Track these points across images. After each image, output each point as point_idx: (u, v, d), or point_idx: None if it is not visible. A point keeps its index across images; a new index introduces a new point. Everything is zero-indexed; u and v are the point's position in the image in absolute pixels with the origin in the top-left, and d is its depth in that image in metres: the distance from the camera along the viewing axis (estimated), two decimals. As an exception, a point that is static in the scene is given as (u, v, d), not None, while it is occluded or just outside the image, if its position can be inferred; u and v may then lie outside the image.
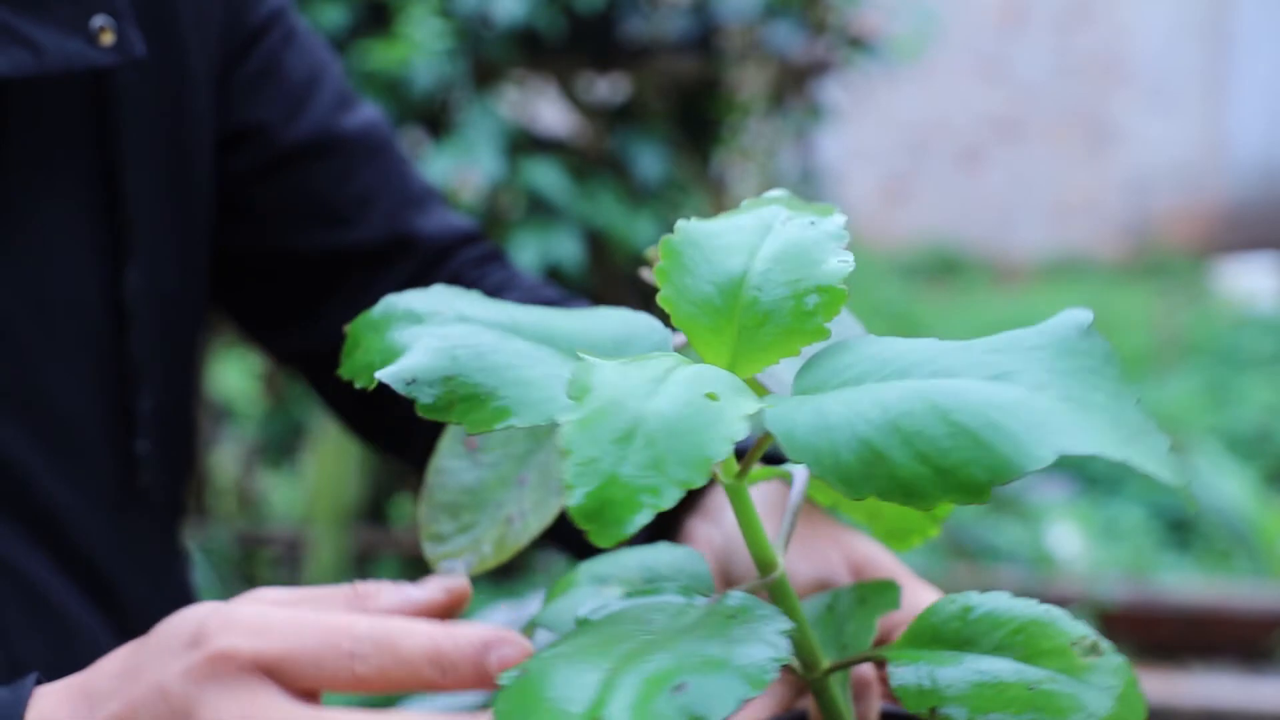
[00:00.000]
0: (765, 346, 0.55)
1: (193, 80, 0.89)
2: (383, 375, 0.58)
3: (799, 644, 0.59)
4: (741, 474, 0.56)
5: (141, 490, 0.87)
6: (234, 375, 3.68)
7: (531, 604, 1.03)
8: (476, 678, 0.57)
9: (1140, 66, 8.11)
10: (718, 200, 2.98)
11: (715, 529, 0.76)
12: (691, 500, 0.79)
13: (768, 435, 0.53)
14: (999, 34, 8.20)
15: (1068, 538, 3.56)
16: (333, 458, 3.02)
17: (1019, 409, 0.47)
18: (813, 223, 0.58)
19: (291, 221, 0.96)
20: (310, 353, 0.99)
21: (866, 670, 0.68)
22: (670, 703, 0.48)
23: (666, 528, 0.81)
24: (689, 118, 3.01)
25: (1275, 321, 5.82)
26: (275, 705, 0.56)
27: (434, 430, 0.89)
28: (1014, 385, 0.48)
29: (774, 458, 0.73)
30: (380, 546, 3.23)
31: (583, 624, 0.55)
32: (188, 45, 0.88)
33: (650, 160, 2.79)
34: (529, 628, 0.67)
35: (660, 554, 0.66)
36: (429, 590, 0.62)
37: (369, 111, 0.99)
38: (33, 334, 0.82)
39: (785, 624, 0.52)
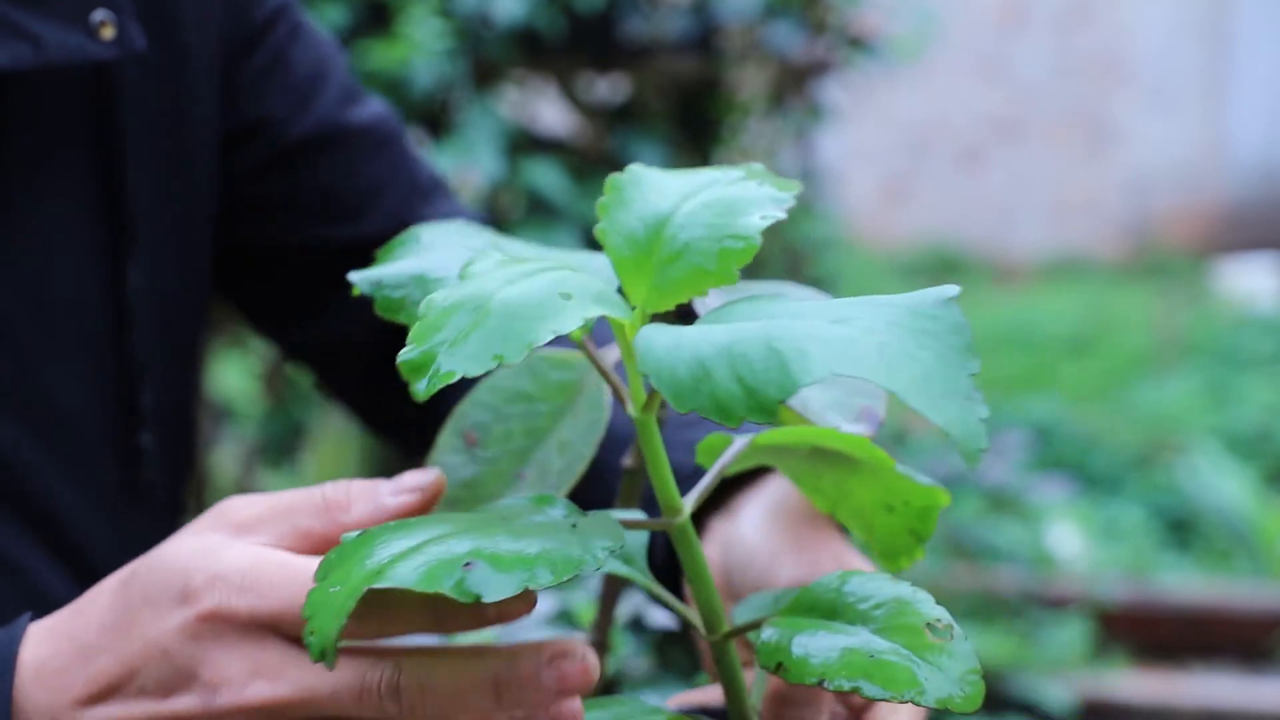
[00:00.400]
0: (676, 283, 0.57)
1: (194, 77, 0.89)
2: (354, 276, 0.63)
3: (701, 603, 0.61)
4: (648, 408, 0.58)
5: (142, 488, 0.87)
6: (234, 375, 3.68)
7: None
8: (476, 624, 0.56)
9: (1140, 66, 8.11)
10: (718, 200, 2.98)
11: (731, 525, 0.76)
12: (717, 502, 0.80)
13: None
14: (999, 34, 8.19)
15: (1068, 538, 3.56)
16: (332, 457, 3.01)
17: (830, 340, 0.50)
18: (759, 184, 0.60)
19: (300, 215, 0.96)
20: (319, 345, 1.00)
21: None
22: (451, 576, 0.51)
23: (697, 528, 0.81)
24: (689, 118, 3.01)
25: (1275, 321, 5.82)
26: (283, 654, 0.56)
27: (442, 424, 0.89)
28: (846, 327, 0.51)
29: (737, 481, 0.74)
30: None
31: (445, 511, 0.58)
32: (189, 42, 0.88)
33: (650, 160, 2.79)
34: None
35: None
36: (401, 498, 0.62)
37: (376, 105, 0.99)
38: (33, 333, 0.82)
39: (612, 542, 0.54)
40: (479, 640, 0.79)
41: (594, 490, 0.76)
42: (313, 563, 0.56)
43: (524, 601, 0.55)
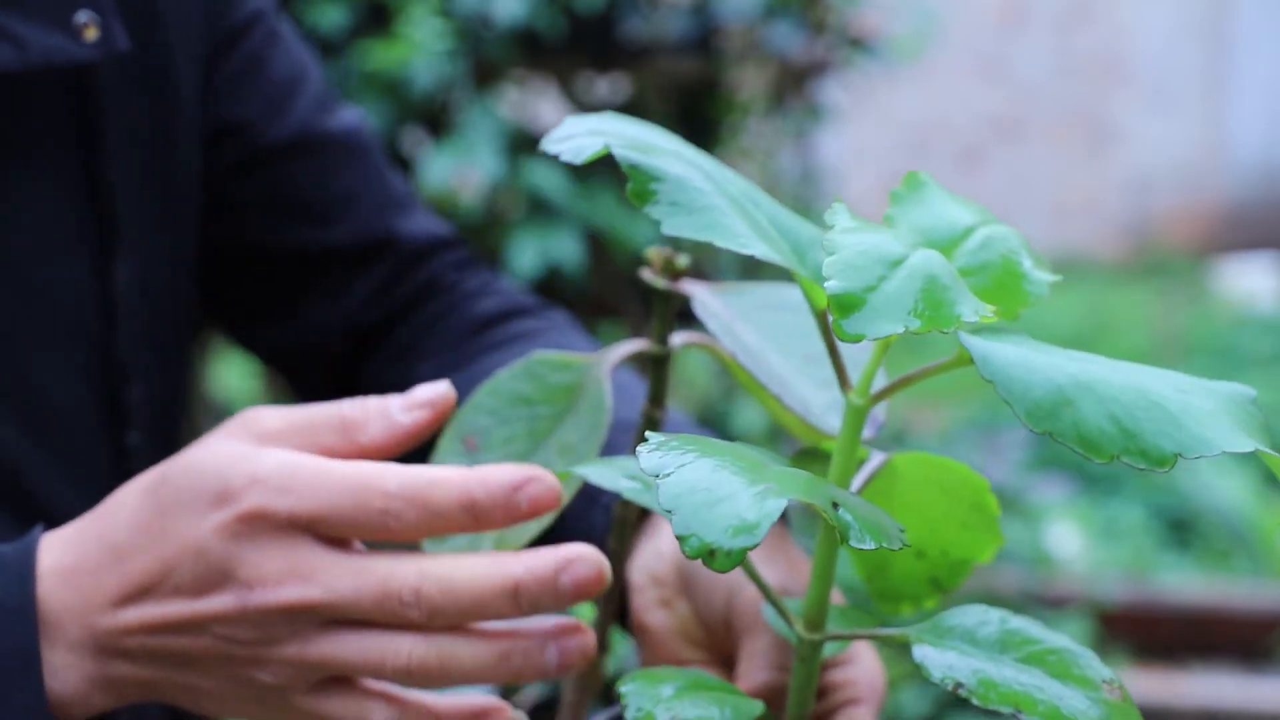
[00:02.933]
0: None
1: (176, 76, 0.89)
2: (619, 152, 0.61)
3: (814, 602, 0.60)
4: (878, 398, 0.59)
5: None
6: (234, 375, 3.68)
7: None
8: (508, 519, 0.57)
9: (1140, 66, 8.11)
10: (718, 200, 2.98)
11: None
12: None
13: (932, 367, 0.58)
14: (999, 34, 8.19)
15: (1067, 537, 3.56)
16: (333, 457, 3.01)
17: (1208, 411, 0.52)
18: (1015, 235, 0.62)
19: (272, 219, 0.96)
20: (289, 350, 1.00)
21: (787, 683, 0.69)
22: (828, 509, 0.50)
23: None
24: (689, 118, 3.00)
25: (1275, 321, 5.82)
26: (317, 556, 0.57)
27: None
28: (1198, 399, 0.53)
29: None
30: (379, 545, 3.23)
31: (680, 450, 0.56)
32: (170, 41, 0.89)
33: (650, 160, 2.79)
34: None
35: None
36: (413, 414, 0.63)
37: (351, 114, 1.00)
38: (23, 330, 0.82)
39: (898, 525, 0.55)
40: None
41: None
42: (348, 467, 0.58)
43: (554, 498, 0.57)
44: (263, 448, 0.60)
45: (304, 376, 1.01)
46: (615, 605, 0.72)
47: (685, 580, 0.74)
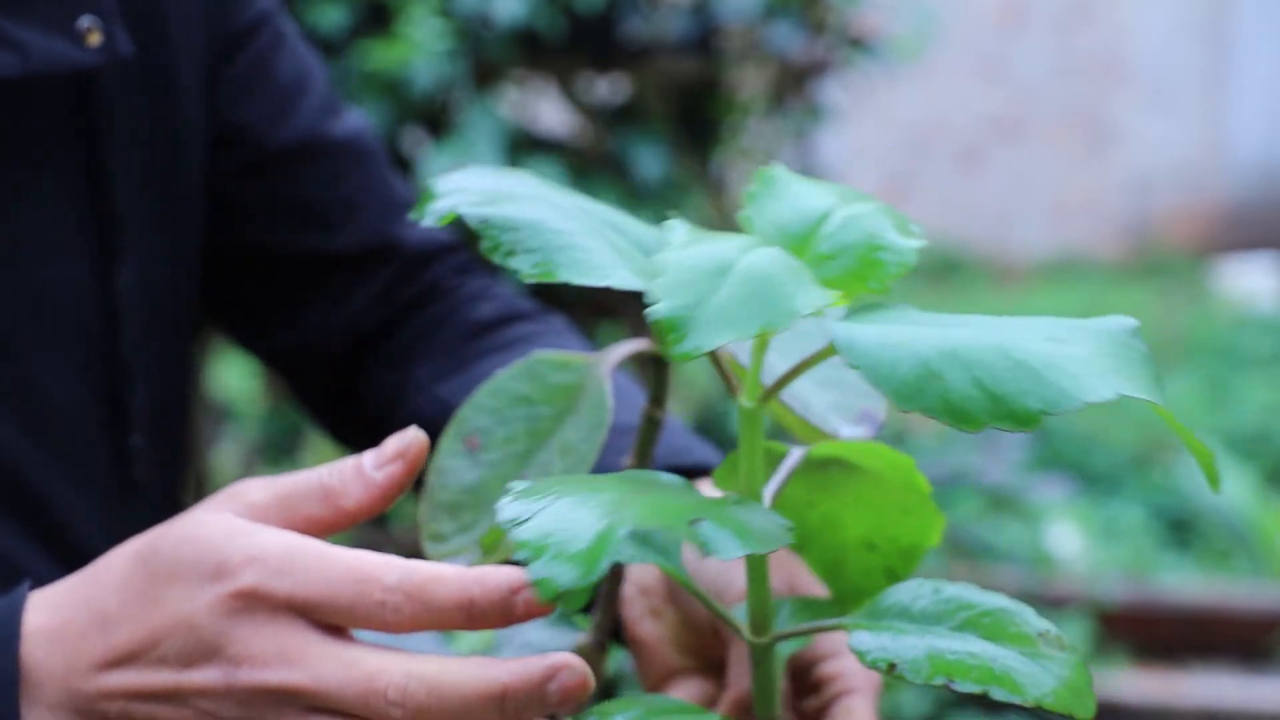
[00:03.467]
0: (830, 281, 0.58)
1: (180, 79, 0.89)
2: (464, 210, 0.60)
3: (755, 603, 0.61)
4: (766, 398, 0.58)
5: (137, 486, 0.88)
6: (234, 375, 3.68)
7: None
8: (504, 622, 0.57)
9: (1140, 66, 8.11)
10: (718, 200, 2.98)
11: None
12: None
13: (801, 363, 0.58)
14: (999, 34, 8.19)
15: (1067, 537, 3.56)
16: (332, 457, 3.01)
17: (1079, 360, 0.51)
18: (882, 208, 0.62)
19: (276, 223, 0.96)
20: (290, 353, 1.00)
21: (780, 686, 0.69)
22: (687, 529, 0.52)
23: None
24: (689, 118, 3.00)
25: (1275, 321, 5.82)
26: (308, 641, 0.57)
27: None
28: (1068, 347, 0.52)
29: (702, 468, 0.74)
30: (380, 546, 3.22)
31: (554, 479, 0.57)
32: (174, 44, 0.89)
33: (650, 160, 2.79)
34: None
35: None
36: (388, 470, 0.63)
37: (356, 118, 1.00)
38: (23, 329, 0.82)
39: (788, 523, 0.55)
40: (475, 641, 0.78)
41: None
42: (349, 555, 0.58)
43: (550, 603, 0.56)
44: (254, 524, 0.60)
45: (304, 378, 1.01)
46: (614, 609, 0.72)
47: (672, 588, 0.74)
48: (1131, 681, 3.09)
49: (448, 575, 0.57)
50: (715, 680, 0.73)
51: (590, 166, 2.83)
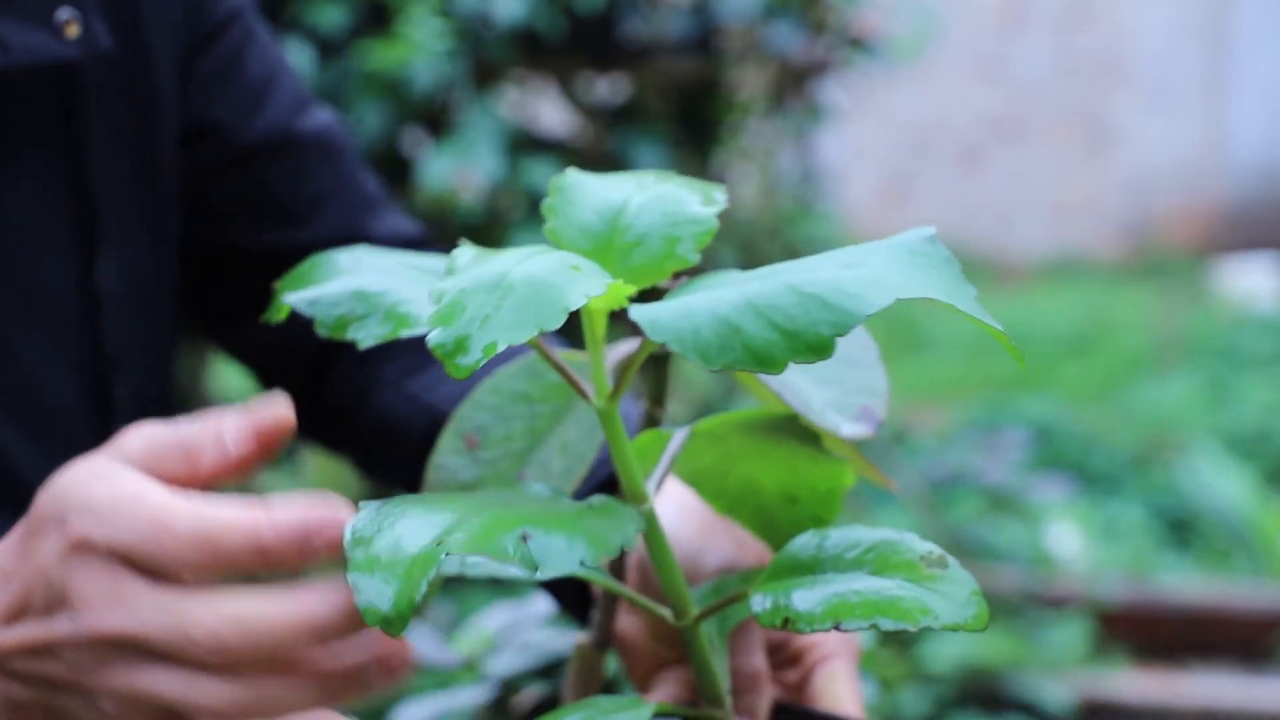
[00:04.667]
0: (638, 269, 0.59)
1: (157, 72, 0.90)
2: (292, 298, 0.63)
3: (670, 590, 0.63)
4: (613, 397, 0.60)
5: None
6: (234, 374, 3.68)
7: (535, 603, 1.03)
8: (302, 561, 0.57)
9: (1140, 66, 8.11)
10: (718, 200, 2.98)
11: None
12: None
13: (635, 356, 0.60)
14: (999, 34, 8.19)
15: (1067, 537, 3.56)
16: (331, 459, 3.01)
17: (862, 278, 0.53)
18: (685, 184, 0.63)
19: (246, 218, 0.96)
20: (261, 352, 1.00)
21: (758, 664, 0.71)
22: (514, 545, 0.52)
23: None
24: (689, 118, 3.00)
25: (1275, 321, 5.82)
26: (135, 588, 0.57)
27: (370, 428, 0.91)
28: (862, 270, 0.53)
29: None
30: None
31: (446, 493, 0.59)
32: (151, 38, 0.89)
33: (650, 160, 2.79)
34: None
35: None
36: (242, 450, 0.63)
37: (325, 115, 1.00)
38: (13, 326, 0.83)
39: (638, 521, 0.57)
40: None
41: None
42: (159, 503, 0.58)
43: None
44: (119, 469, 0.61)
45: (275, 377, 1.01)
46: (614, 608, 0.72)
47: (645, 581, 0.74)
48: (1131, 681, 3.09)
49: (240, 522, 0.58)
50: None
51: (590, 166, 2.82)
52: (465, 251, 0.58)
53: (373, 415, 0.94)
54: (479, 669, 1.12)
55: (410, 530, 0.53)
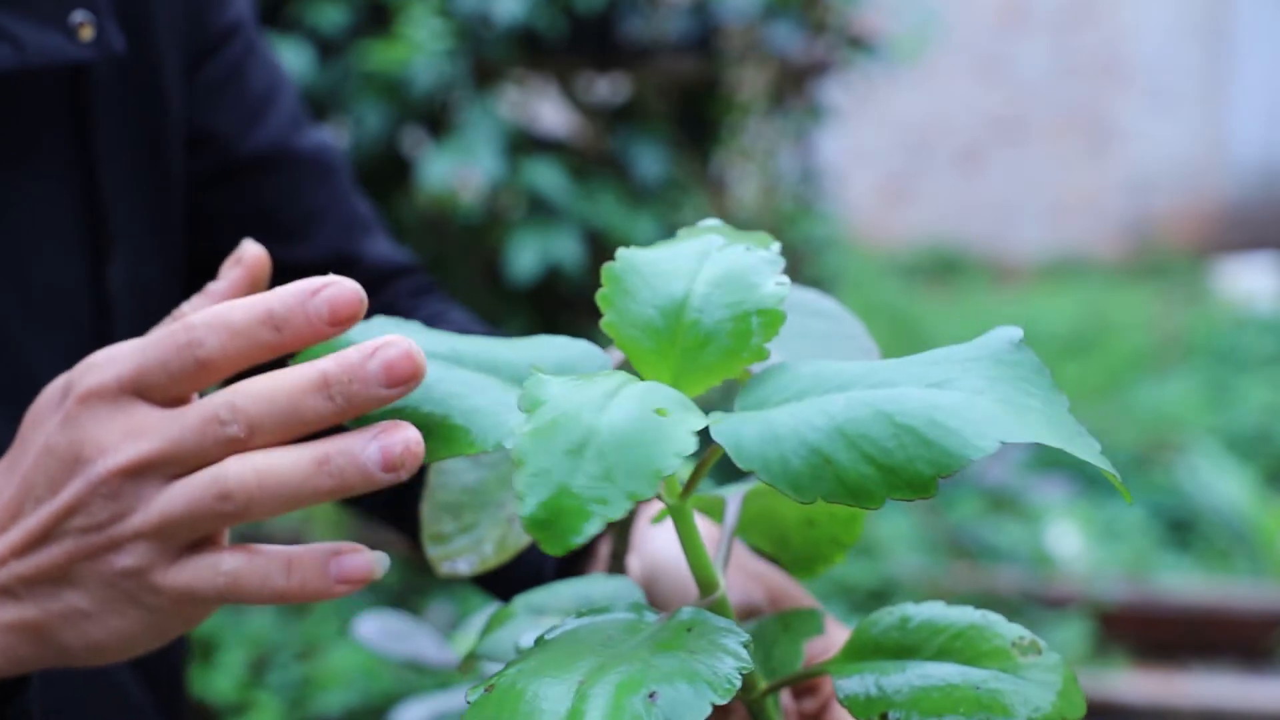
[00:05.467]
0: (707, 367, 0.57)
1: (166, 77, 0.90)
2: None
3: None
4: (685, 494, 0.57)
5: None
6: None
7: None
8: (310, 326, 0.57)
9: (1140, 66, 8.11)
10: (718, 200, 2.98)
11: (634, 558, 0.77)
12: (611, 529, 0.80)
13: (709, 457, 0.56)
14: (999, 34, 8.20)
15: (1067, 538, 3.56)
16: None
17: (959, 409, 0.50)
18: (748, 249, 0.60)
19: (239, 231, 0.97)
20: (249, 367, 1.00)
21: (785, 703, 0.70)
22: (646, 709, 0.49)
23: (581, 558, 0.81)
24: (689, 118, 3.01)
25: (1275, 321, 5.82)
26: (149, 414, 0.57)
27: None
28: (953, 391, 0.51)
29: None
30: (381, 546, 3.23)
31: (541, 643, 0.56)
32: (160, 43, 0.89)
33: (650, 160, 2.79)
34: (468, 659, 0.67)
35: (594, 585, 0.68)
36: (229, 278, 0.64)
37: (322, 134, 1.01)
38: (21, 328, 0.83)
39: (743, 636, 0.53)
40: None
41: None
42: (163, 330, 0.58)
43: (354, 300, 0.57)
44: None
45: None
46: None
47: (649, 587, 0.74)
48: (1131, 681, 3.09)
49: (246, 298, 0.58)
50: None
51: (590, 166, 2.83)
52: (539, 385, 0.53)
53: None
54: (479, 669, 1.12)
55: (534, 700, 0.51)
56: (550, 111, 3.14)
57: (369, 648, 1.19)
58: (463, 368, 0.60)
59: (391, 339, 0.56)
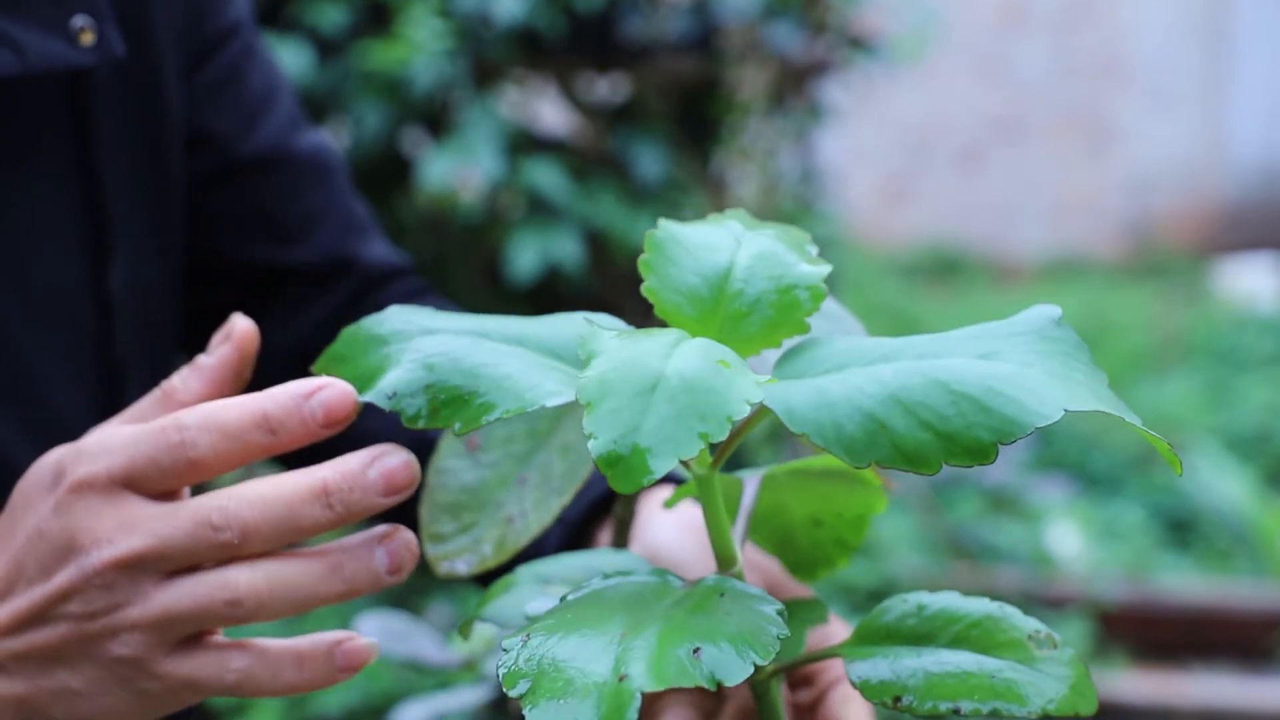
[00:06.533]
0: (750, 337, 0.57)
1: (165, 79, 0.90)
2: (366, 397, 0.59)
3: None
4: (716, 464, 0.58)
5: None
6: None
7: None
8: (304, 430, 0.57)
9: (1140, 66, 8.11)
10: (718, 200, 2.98)
11: (635, 547, 0.76)
12: (602, 518, 0.80)
13: (742, 428, 0.56)
14: (999, 34, 8.19)
15: (1068, 538, 3.56)
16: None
17: (1016, 378, 0.50)
18: (778, 235, 0.61)
19: (237, 232, 0.97)
20: None
21: (781, 693, 0.69)
22: (691, 663, 0.50)
23: (579, 539, 0.82)
24: (689, 118, 3.00)
25: (1275, 321, 5.82)
26: (141, 508, 0.58)
27: (351, 449, 0.91)
28: (1003, 362, 0.51)
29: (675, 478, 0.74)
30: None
31: (567, 603, 0.56)
32: (159, 46, 0.89)
33: (650, 160, 2.79)
34: (467, 625, 0.67)
35: (602, 557, 0.67)
36: (218, 354, 0.65)
37: (320, 136, 1.01)
38: (22, 329, 0.83)
39: (776, 604, 0.54)
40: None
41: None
42: (160, 419, 0.59)
43: (347, 403, 0.57)
44: (97, 430, 0.62)
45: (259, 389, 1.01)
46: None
47: None
48: (1131, 681, 3.09)
49: (239, 399, 0.58)
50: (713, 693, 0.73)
51: (590, 166, 2.83)
52: (598, 335, 0.54)
53: (355, 436, 0.95)
54: (479, 669, 1.12)
55: (575, 658, 0.51)
56: (550, 111, 3.14)
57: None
58: (490, 340, 0.60)
59: (389, 448, 0.57)
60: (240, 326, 0.66)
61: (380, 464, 0.57)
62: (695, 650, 0.50)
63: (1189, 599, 3.41)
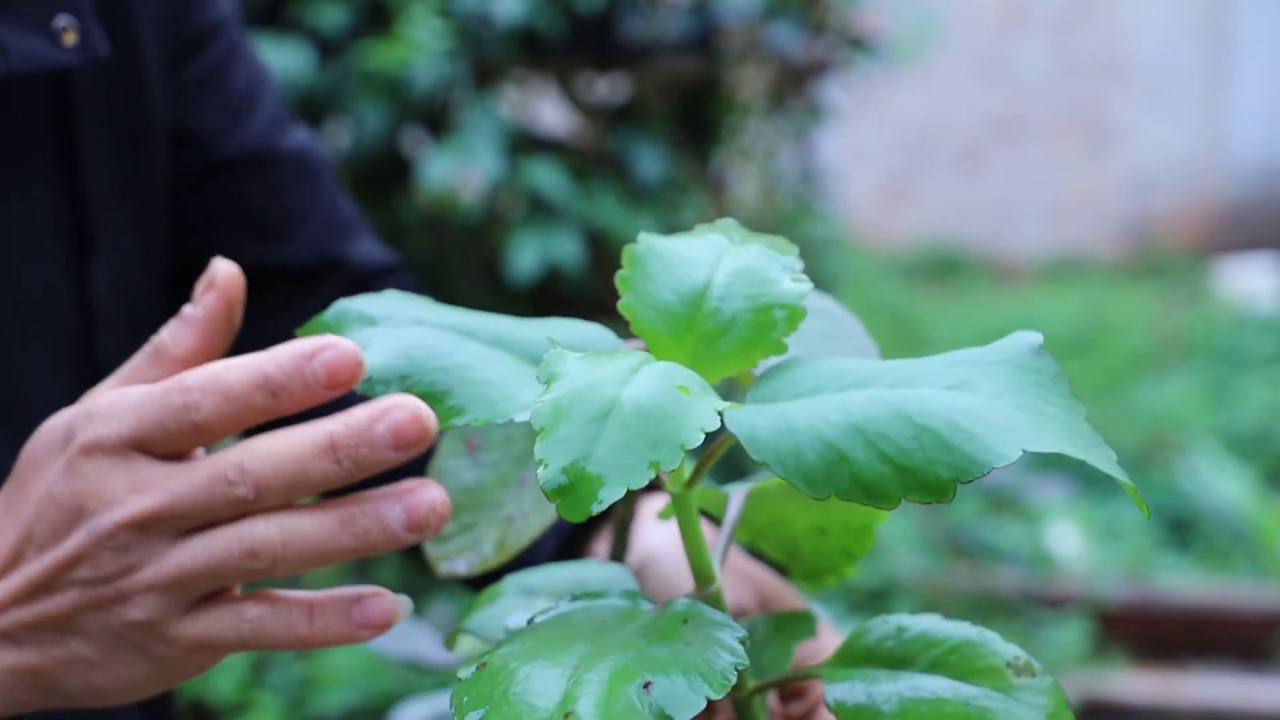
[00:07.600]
0: (724, 356, 0.56)
1: (148, 80, 0.90)
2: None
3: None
4: (691, 484, 0.57)
5: None
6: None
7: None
8: (307, 392, 0.57)
9: (1140, 66, 8.11)
10: (718, 200, 2.98)
11: (631, 546, 0.76)
12: (600, 522, 0.80)
13: (717, 447, 0.56)
14: (999, 34, 8.19)
15: (1067, 537, 3.56)
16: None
17: (981, 413, 0.49)
18: (764, 250, 0.60)
19: (222, 231, 0.96)
20: None
21: (771, 705, 0.70)
22: (640, 700, 0.49)
23: (572, 549, 0.81)
24: (689, 118, 3.00)
25: (1275, 321, 5.82)
26: (153, 468, 0.58)
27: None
28: (973, 394, 0.50)
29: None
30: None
31: (533, 625, 0.56)
32: (142, 45, 0.89)
33: (650, 160, 2.79)
34: (452, 636, 0.67)
35: (589, 569, 0.67)
36: (204, 303, 0.64)
37: (305, 134, 1.00)
38: (5, 331, 0.82)
39: (739, 631, 0.53)
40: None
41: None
42: (159, 389, 0.58)
43: (352, 364, 0.56)
44: (101, 390, 0.62)
45: None
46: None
47: (639, 578, 0.74)
48: (1131, 681, 3.09)
49: (241, 359, 0.58)
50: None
51: (590, 166, 2.83)
52: (558, 358, 0.53)
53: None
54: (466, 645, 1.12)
55: (526, 684, 0.50)
56: (550, 111, 3.13)
57: (369, 648, 1.19)
58: (475, 341, 0.59)
59: (400, 400, 0.56)
60: (223, 272, 0.64)
61: (389, 418, 0.55)
62: (646, 685, 0.49)
63: (1189, 599, 3.41)
